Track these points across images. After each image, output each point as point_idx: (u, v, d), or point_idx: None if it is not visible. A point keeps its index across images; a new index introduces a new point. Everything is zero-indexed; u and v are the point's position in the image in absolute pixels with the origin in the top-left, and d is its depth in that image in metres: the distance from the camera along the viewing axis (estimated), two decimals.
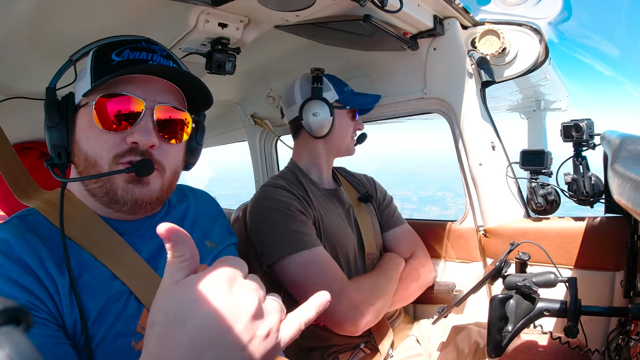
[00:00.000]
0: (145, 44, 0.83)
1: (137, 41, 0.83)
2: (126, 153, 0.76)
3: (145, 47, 0.81)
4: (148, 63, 0.79)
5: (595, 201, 1.31)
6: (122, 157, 0.76)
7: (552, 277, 0.88)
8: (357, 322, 1.16)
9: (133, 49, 0.79)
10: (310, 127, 1.40)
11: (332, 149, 1.46)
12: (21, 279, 0.68)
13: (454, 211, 31.57)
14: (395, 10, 1.15)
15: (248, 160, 2.52)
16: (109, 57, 0.79)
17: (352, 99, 1.44)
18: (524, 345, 1.10)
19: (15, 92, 1.21)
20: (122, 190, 0.77)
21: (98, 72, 0.78)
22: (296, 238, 1.19)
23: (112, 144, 0.76)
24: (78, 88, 0.81)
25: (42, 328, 0.67)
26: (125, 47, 0.80)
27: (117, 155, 0.76)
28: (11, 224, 0.76)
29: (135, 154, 0.76)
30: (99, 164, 0.76)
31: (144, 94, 0.77)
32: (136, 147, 0.76)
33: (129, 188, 0.77)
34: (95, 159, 0.76)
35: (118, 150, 0.76)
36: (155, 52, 0.82)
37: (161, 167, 0.81)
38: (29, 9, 0.94)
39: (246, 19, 1.24)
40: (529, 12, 1.47)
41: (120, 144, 0.76)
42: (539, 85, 2.32)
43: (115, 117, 0.75)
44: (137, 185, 0.78)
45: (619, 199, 0.47)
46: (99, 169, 0.76)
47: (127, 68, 0.75)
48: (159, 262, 0.83)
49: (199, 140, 0.95)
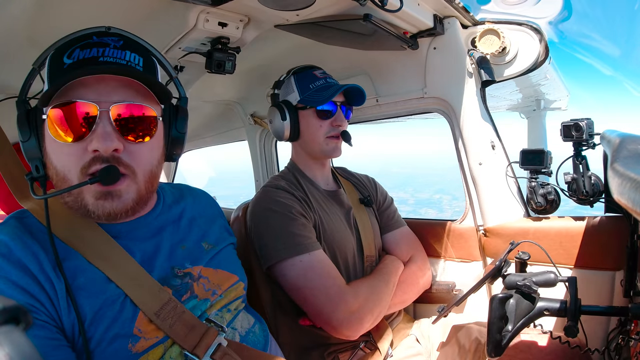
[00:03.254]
0: (96, 38, 0.76)
1: (88, 36, 0.77)
2: (91, 163, 0.72)
3: (97, 42, 0.75)
4: (98, 60, 0.73)
5: (595, 201, 1.31)
6: (89, 168, 0.72)
7: (552, 276, 0.88)
8: (354, 327, 1.16)
9: (83, 47, 0.74)
10: (272, 133, 1.42)
11: (307, 151, 1.41)
12: (21, 281, 0.68)
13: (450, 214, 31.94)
14: (396, 10, 1.15)
15: (248, 160, 2.52)
16: (60, 61, 0.74)
17: (311, 97, 1.35)
18: (523, 345, 1.11)
19: (15, 91, 1.21)
20: (93, 207, 0.74)
21: (52, 78, 0.74)
22: (296, 241, 1.19)
23: (76, 156, 0.72)
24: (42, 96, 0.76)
25: (42, 330, 0.67)
26: (75, 46, 0.74)
27: (83, 167, 0.72)
28: (9, 225, 0.75)
29: (100, 162, 0.72)
30: (67, 178, 0.73)
31: (97, 96, 0.72)
32: (98, 154, 0.72)
33: (98, 204, 0.74)
34: (64, 172, 0.73)
35: (83, 161, 0.72)
36: (108, 44, 0.76)
37: (131, 171, 0.76)
38: (29, 8, 0.95)
39: (246, 18, 1.24)
40: (529, 11, 1.47)
41: (83, 154, 0.72)
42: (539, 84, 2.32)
43: (70, 127, 0.71)
44: (107, 200, 0.74)
45: (619, 198, 0.47)
46: (69, 182, 0.73)
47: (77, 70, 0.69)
48: (153, 265, 0.83)
49: (181, 129, 0.87)
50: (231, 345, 0.84)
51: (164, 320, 0.77)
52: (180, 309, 0.80)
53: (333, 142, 1.37)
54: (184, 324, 0.79)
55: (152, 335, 0.76)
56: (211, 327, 0.82)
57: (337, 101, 1.35)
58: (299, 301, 1.21)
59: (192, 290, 0.86)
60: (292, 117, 1.35)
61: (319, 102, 1.33)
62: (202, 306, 0.85)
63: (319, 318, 1.18)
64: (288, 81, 1.40)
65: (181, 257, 0.88)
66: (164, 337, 0.78)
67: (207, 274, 0.90)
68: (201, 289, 0.87)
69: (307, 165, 1.43)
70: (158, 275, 0.82)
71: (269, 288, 1.31)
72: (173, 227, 0.92)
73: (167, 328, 0.77)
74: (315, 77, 1.37)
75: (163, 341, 0.77)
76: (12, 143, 0.87)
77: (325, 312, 1.16)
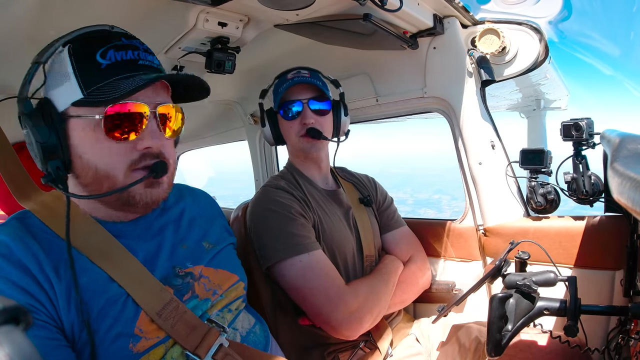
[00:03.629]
0: (125, 40, 0.78)
1: (116, 37, 0.78)
2: (140, 159, 0.77)
3: (128, 45, 0.77)
4: (138, 63, 0.77)
5: (595, 200, 1.31)
6: (137, 164, 0.77)
7: (552, 276, 0.88)
8: (354, 327, 1.16)
9: (118, 48, 0.76)
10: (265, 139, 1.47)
11: (294, 153, 1.45)
12: (21, 281, 0.68)
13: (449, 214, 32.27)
14: (395, 9, 1.15)
15: (247, 160, 2.52)
16: (93, 60, 0.74)
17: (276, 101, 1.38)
18: (523, 344, 1.11)
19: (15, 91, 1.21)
20: (140, 195, 0.78)
21: (86, 77, 0.73)
22: (295, 241, 1.19)
23: (124, 154, 0.76)
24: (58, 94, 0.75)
25: (42, 330, 0.68)
26: (107, 46, 0.75)
27: (131, 164, 0.76)
28: (10, 226, 0.75)
29: (149, 158, 0.78)
30: (113, 175, 0.76)
31: (145, 97, 0.77)
32: (149, 151, 0.77)
33: (146, 192, 0.79)
34: (108, 170, 0.75)
35: (131, 158, 0.76)
36: (138, 47, 0.79)
37: (169, 164, 0.82)
38: (30, 7, 0.95)
39: (246, 18, 1.24)
40: (529, 11, 1.47)
41: (131, 151, 0.76)
42: (539, 84, 2.32)
43: (123, 127, 0.74)
44: (154, 188, 0.80)
45: (619, 198, 0.47)
46: (114, 179, 0.76)
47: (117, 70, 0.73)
48: (155, 264, 0.83)
49: None
50: (232, 346, 0.84)
51: (166, 320, 0.77)
52: (182, 309, 0.80)
53: (306, 140, 1.36)
54: (186, 324, 0.79)
55: (153, 335, 0.76)
56: (213, 327, 0.83)
57: (303, 98, 1.34)
58: (299, 301, 1.21)
59: (193, 290, 0.86)
60: (271, 123, 1.40)
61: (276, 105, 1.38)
62: (203, 306, 0.86)
63: (318, 318, 1.18)
64: (270, 89, 1.44)
65: (182, 257, 0.88)
66: (165, 337, 0.78)
67: (207, 274, 0.90)
68: (202, 289, 0.87)
69: (303, 165, 1.44)
70: (160, 274, 0.82)
71: (269, 288, 1.31)
72: (174, 226, 0.92)
73: (168, 328, 0.77)
74: (285, 79, 1.36)
75: (164, 341, 0.78)
76: (12, 143, 0.87)
77: (324, 312, 1.16)
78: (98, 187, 0.77)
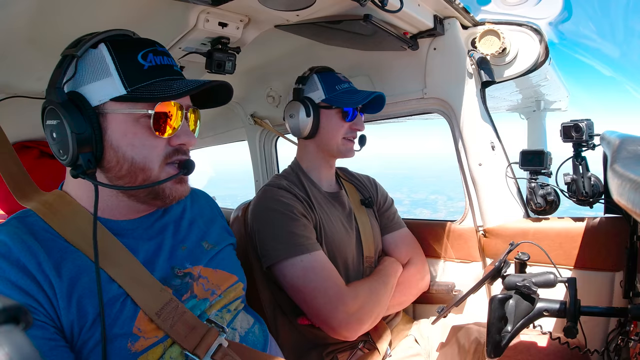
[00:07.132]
0: (159, 47, 0.84)
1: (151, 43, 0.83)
2: (173, 154, 0.83)
3: (162, 51, 0.83)
4: (173, 68, 0.83)
5: (595, 201, 1.31)
6: (171, 158, 0.83)
7: (552, 277, 0.88)
8: (353, 328, 1.16)
9: (156, 53, 0.82)
10: (290, 128, 1.40)
11: (323, 150, 1.41)
12: (20, 281, 0.68)
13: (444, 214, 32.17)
14: (396, 10, 1.15)
15: (247, 161, 2.52)
16: (135, 60, 0.78)
17: (339, 98, 1.37)
18: (523, 346, 1.10)
19: (15, 91, 1.21)
20: (169, 190, 0.84)
21: (129, 75, 0.76)
22: (296, 241, 1.19)
23: (161, 148, 0.81)
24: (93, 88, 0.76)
25: (40, 330, 0.68)
26: (148, 49, 0.81)
27: (166, 157, 0.82)
28: (10, 225, 0.75)
29: (181, 153, 0.84)
30: (148, 167, 0.80)
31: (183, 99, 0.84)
32: (182, 147, 0.84)
33: (175, 188, 0.85)
34: (145, 163, 0.80)
35: (166, 152, 0.82)
36: (169, 55, 0.85)
37: None
38: (30, 7, 0.95)
39: (246, 18, 1.24)
40: (529, 12, 1.47)
41: (166, 146, 0.82)
42: (539, 85, 2.32)
43: (166, 124, 0.80)
44: (181, 184, 0.87)
45: (619, 199, 0.47)
46: (149, 172, 0.80)
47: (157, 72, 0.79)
48: (155, 264, 0.84)
49: None
50: (231, 346, 0.84)
51: (165, 320, 0.77)
52: (181, 309, 0.80)
53: (349, 143, 1.41)
54: (185, 324, 0.79)
55: (152, 335, 0.76)
56: (212, 327, 0.83)
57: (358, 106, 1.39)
58: (298, 301, 1.21)
59: (192, 290, 0.86)
60: (314, 114, 1.37)
61: (346, 104, 1.36)
62: (201, 306, 0.86)
63: (318, 318, 1.18)
64: (311, 78, 1.40)
65: (181, 258, 0.88)
66: (164, 336, 0.78)
67: (206, 274, 0.90)
68: (200, 289, 0.87)
69: (315, 165, 1.43)
70: (159, 275, 0.83)
71: (269, 288, 1.31)
72: (174, 227, 0.93)
73: (167, 328, 0.77)
74: (340, 79, 1.42)
75: (162, 340, 0.78)
76: (12, 142, 0.87)
77: (324, 313, 1.16)
78: (132, 179, 0.80)
